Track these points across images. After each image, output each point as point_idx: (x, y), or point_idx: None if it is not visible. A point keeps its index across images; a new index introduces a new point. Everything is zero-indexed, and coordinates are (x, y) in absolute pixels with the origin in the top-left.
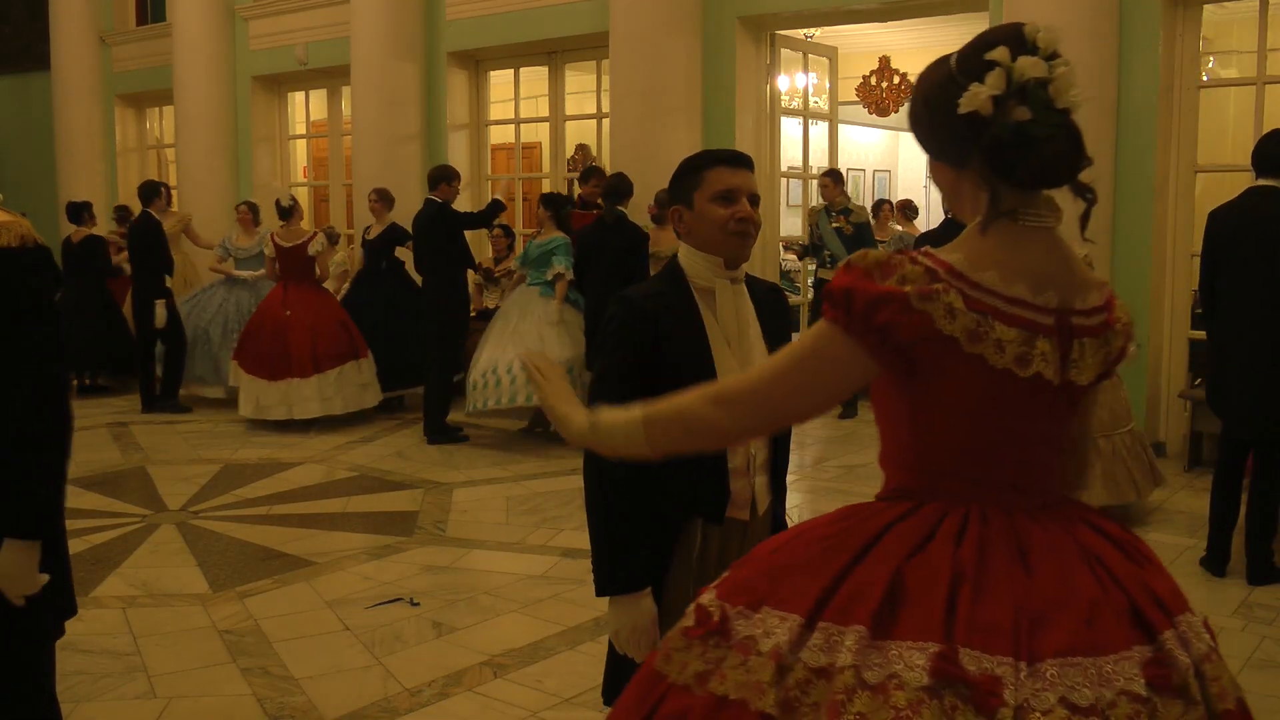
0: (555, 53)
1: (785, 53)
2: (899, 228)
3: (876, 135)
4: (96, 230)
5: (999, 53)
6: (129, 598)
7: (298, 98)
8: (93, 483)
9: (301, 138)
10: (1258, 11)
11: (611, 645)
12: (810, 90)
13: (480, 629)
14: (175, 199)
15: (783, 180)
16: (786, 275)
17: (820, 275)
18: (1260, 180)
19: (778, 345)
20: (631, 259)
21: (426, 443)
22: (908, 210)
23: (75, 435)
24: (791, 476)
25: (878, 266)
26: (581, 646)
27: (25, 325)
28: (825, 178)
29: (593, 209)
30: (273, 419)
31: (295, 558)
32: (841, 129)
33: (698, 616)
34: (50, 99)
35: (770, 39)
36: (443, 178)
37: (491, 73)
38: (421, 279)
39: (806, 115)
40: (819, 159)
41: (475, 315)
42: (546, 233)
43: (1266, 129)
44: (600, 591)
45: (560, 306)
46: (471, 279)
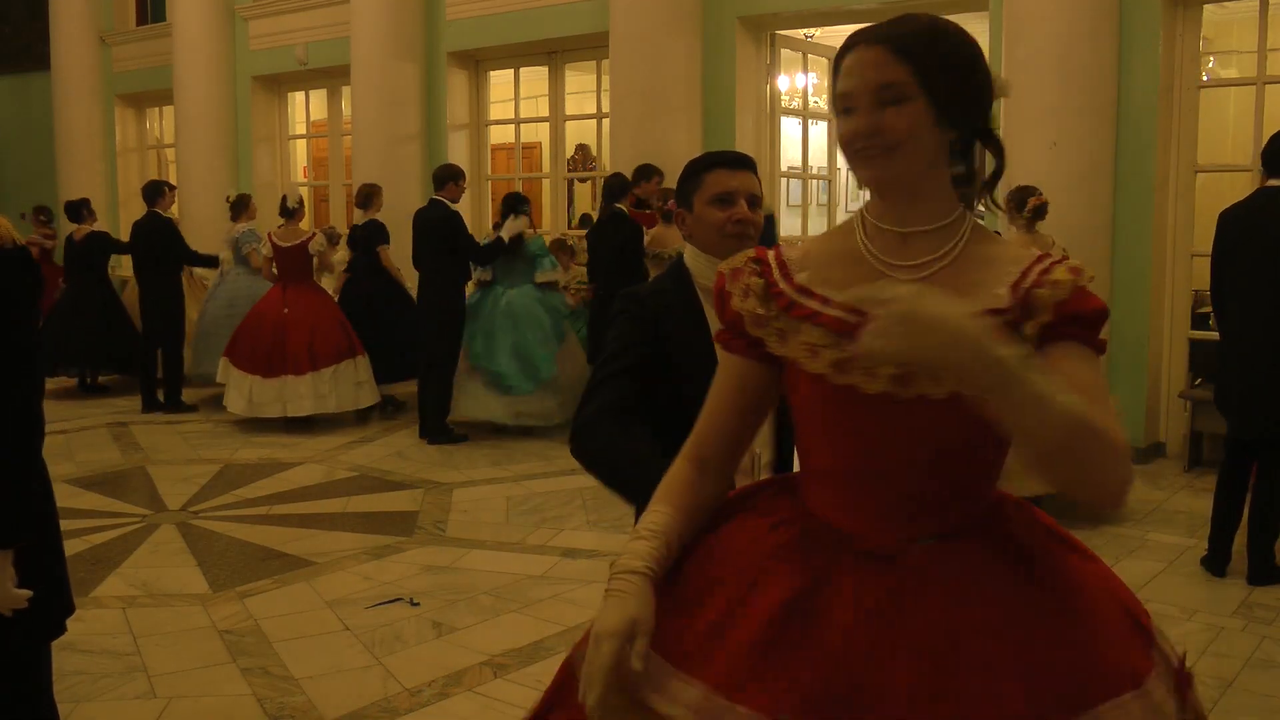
0: (555, 53)
1: (785, 53)
2: None
3: None
4: (97, 227)
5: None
6: (129, 598)
7: (298, 98)
8: (93, 483)
9: (301, 138)
10: (1258, 11)
11: None
12: (810, 90)
13: (480, 629)
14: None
15: (783, 180)
16: None
17: None
18: (1271, 181)
19: None
20: (629, 256)
21: (427, 443)
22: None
23: (75, 435)
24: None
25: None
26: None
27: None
28: None
29: (646, 209)
30: (266, 416)
31: (295, 558)
32: None
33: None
34: (50, 99)
35: (770, 39)
36: (449, 177)
37: (491, 73)
38: (419, 278)
39: (806, 115)
40: (819, 159)
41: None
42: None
43: (1266, 129)
44: None
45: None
46: (475, 278)
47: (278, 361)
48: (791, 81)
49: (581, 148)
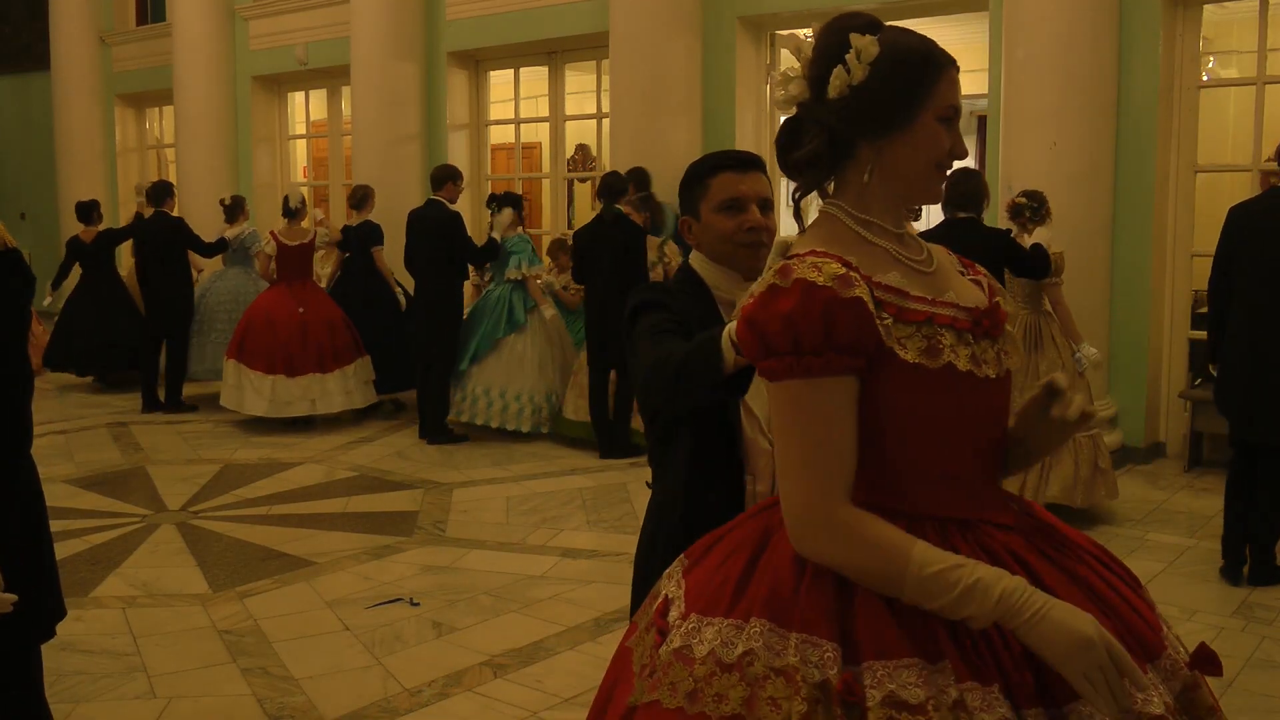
0: (555, 53)
1: (785, 53)
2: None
3: None
4: (102, 228)
5: None
6: (129, 598)
7: (298, 98)
8: (93, 483)
9: (301, 138)
10: (1258, 11)
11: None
12: None
13: (480, 629)
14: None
15: (784, 181)
16: None
17: None
18: None
19: None
20: (630, 257)
21: (428, 443)
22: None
23: (75, 435)
24: None
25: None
26: (581, 646)
27: None
28: None
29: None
30: (292, 415)
31: (295, 558)
32: None
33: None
34: (50, 99)
35: (770, 39)
36: (447, 177)
37: (491, 73)
38: (416, 278)
39: None
40: None
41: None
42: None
43: (1267, 129)
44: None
45: (548, 306)
46: (472, 279)
47: (300, 360)
48: None
49: (581, 148)
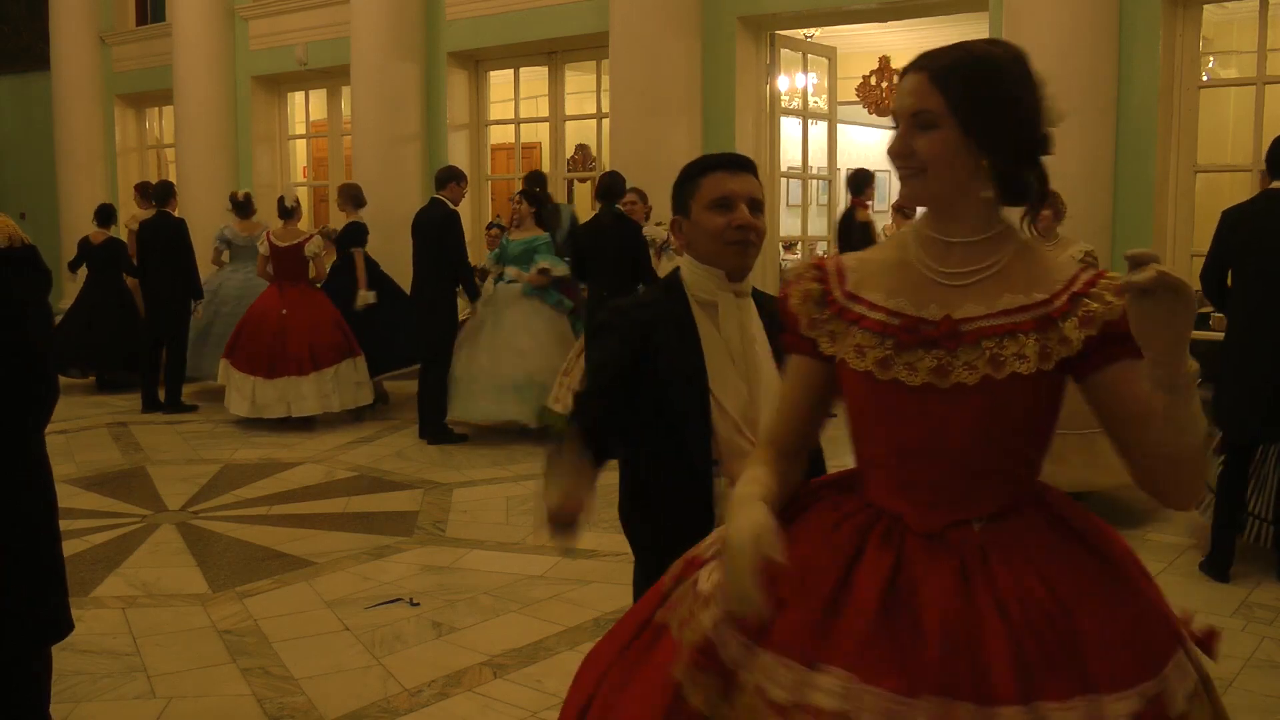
0: (555, 53)
1: (785, 53)
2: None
3: (876, 135)
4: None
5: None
6: (129, 598)
7: (298, 98)
8: (93, 483)
9: (301, 138)
10: (1258, 11)
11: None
12: (810, 90)
13: (480, 629)
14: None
15: (783, 180)
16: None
17: None
18: (1275, 183)
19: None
20: (632, 257)
21: (428, 443)
22: (906, 210)
23: (75, 435)
24: None
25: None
26: (581, 646)
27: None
28: None
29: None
30: (270, 417)
31: (295, 558)
32: (841, 129)
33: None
34: (50, 99)
35: (770, 39)
36: (451, 178)
37: (491, 73)
38: (415, 277)
39: (806, 115)
40: (819, 159)
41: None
42: (526, 229)
43: (1267, 129)
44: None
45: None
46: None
47: (279, 363)
48: (791, 81)
49: (581, 148)
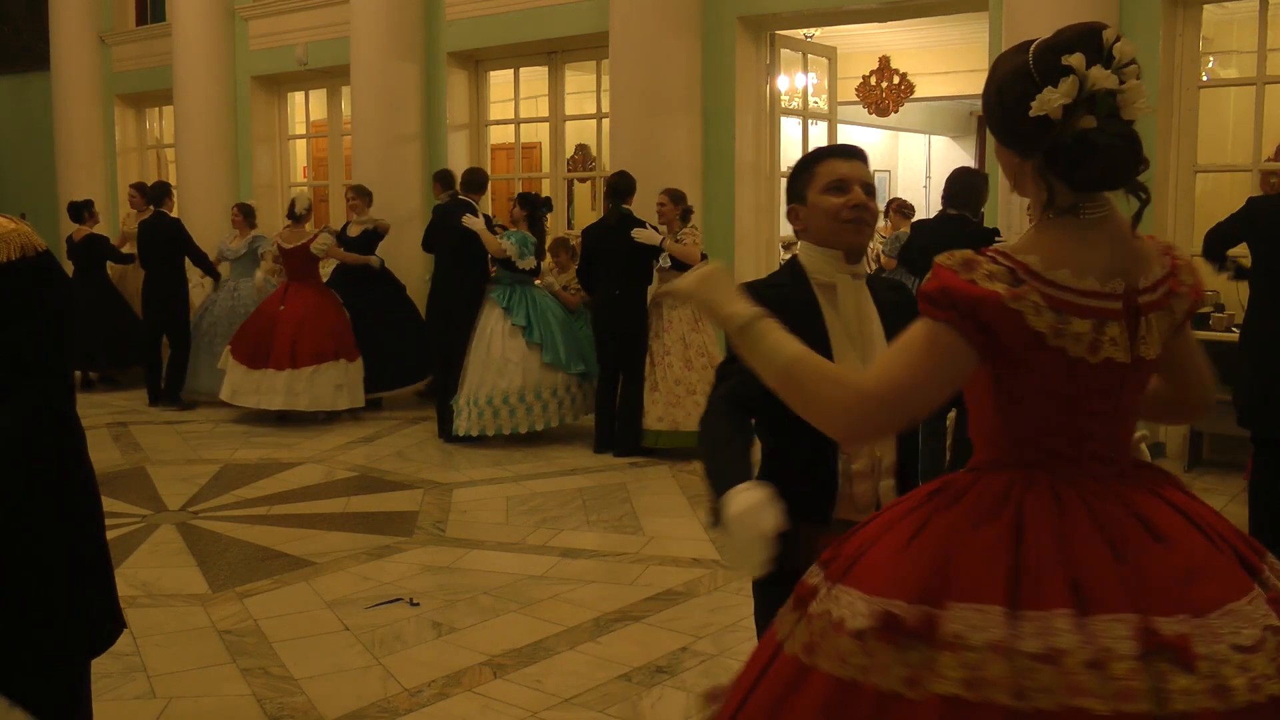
0: (555, 53)
1: (785, 53)
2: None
3: (876, 135)
4: (98, 229)
5: (1075, 59)
6: (129, 598)
7: (298, 98)
8: None
9: (301, 138)
10: (1258, 11)
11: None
12: (810, 90)
13: (480, 629)
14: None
15: (783, 180)
16: None
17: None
18: None
19: None
20: (639, 258)
21: (444, 442)
22: (904, 210)
23: None
24: None
25: (964, 266)
26: (581, 646)
27: (20, 341)
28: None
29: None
30: (243, 405)
31: (295, 558)
32: (841, 129)
33: (885, 620)
34: (50, 99)
35: (770, 39)
36: (475, 184)
37: (491, 73)
38: (435, 274)
39: (806, 115)
40: None
41: None
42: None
43: (1267, 129)
44: (716, 494)
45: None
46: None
47: (262, 355)
48: (791, 81)
49: (581, 148)
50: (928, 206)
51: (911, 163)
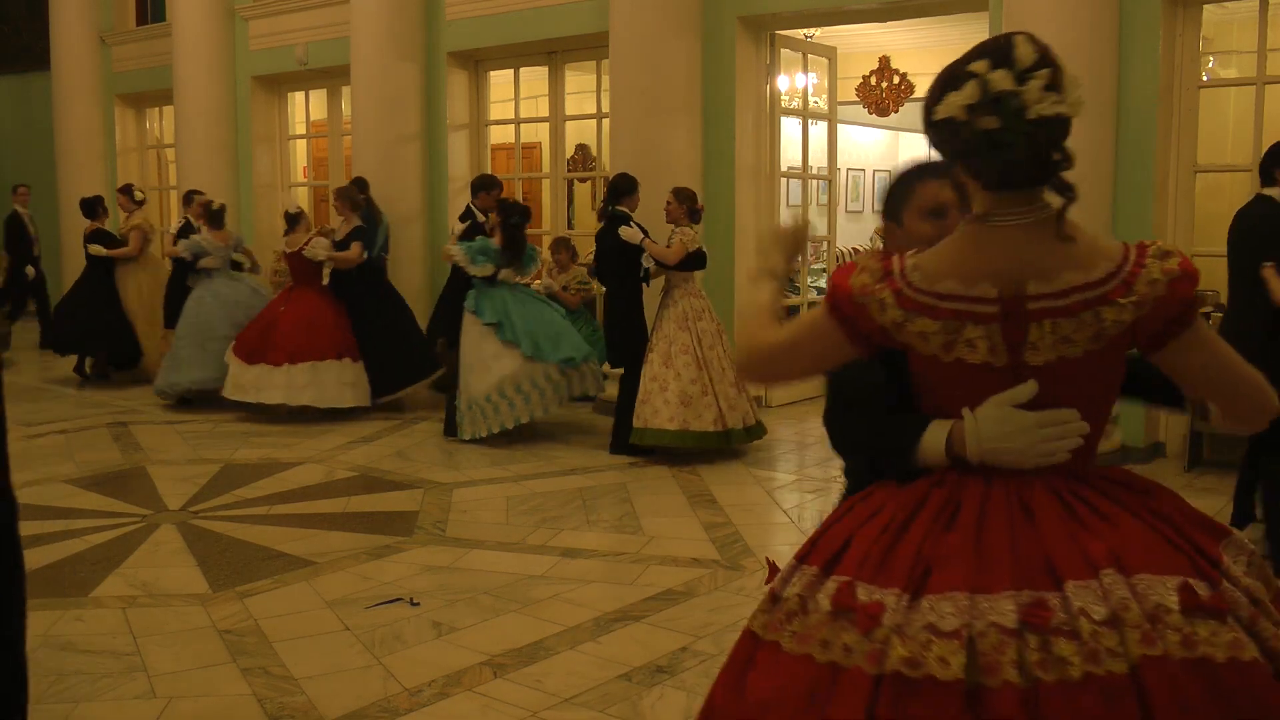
0: (555, 53)
1: (785, 53)
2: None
3: (876, 135)
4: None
5: (979, 64)
6: (129, 598)
7: (298, 98)
8: (93, 483)
9: (301, 138)
10: (1258, 11)
11: None
12: (810, 90)
13: (480, 629)
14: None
15: (783, 180)
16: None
17: None
18: (1266, 190)
19: None
20: (626, 256)
21: (448, 439)
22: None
23: (75, 435)
24: (791, 476)
25: (856, 267)
26: (581, 646)
27: None
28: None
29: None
30: (242, 399)
31: (295, 558)
32: (841, 129)
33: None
34: (50, 99)
35: (770, 39)
36: (483, 187)
37: (491, 73)
38: (452, 276)
39: (806, 115)
40: (819, 159)
41: None
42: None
43: (1266, 129)
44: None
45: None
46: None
47: (259, 352)
48: (791, 81)
49: (581, 148)
50: None
51: None
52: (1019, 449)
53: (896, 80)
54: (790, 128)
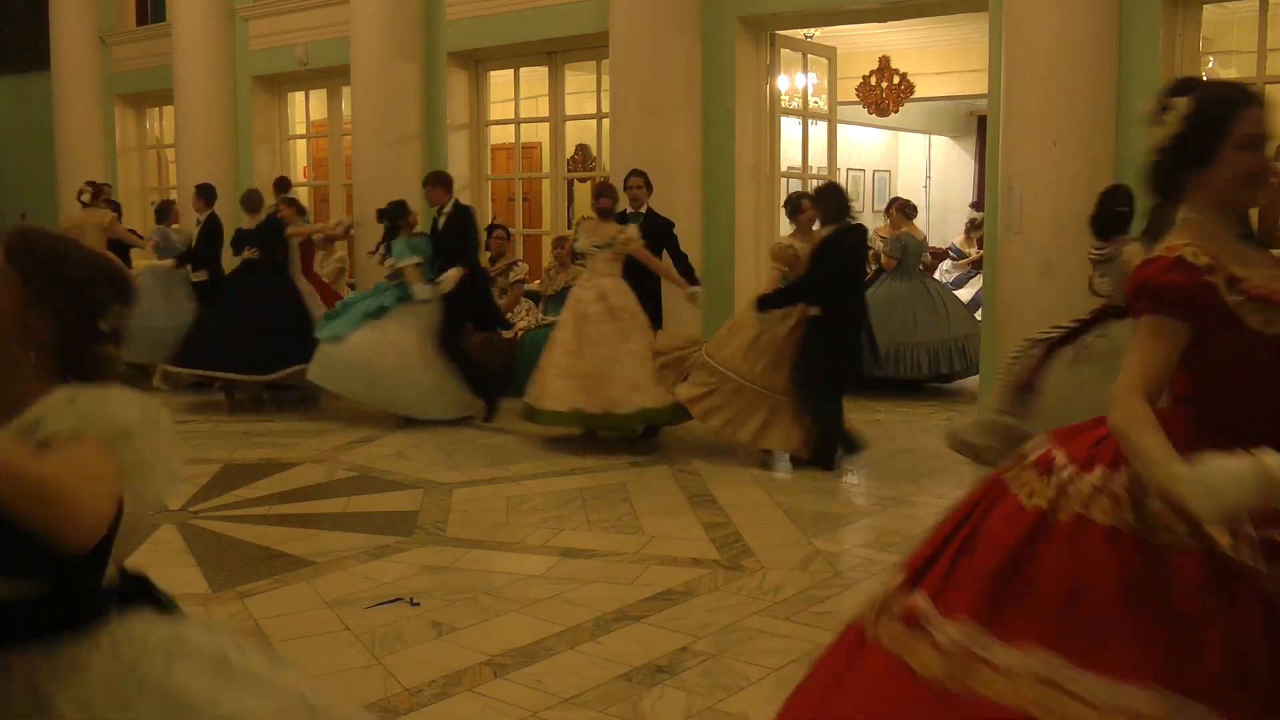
0: (555, 53)
1: (785, 53)
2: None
3: (876, 135)
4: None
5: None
6: None
7: (298, 98)
8: None
9: (301, 138)
10: (1258, 11)
11: None
12: (810, 90)
13: (480, 629)
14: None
15: (783, 180)
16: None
17: None
18: None
19: None
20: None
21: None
22: (907, 210)
23: None
24: (791, 476)
25: (1162, 261)
26: (581, 646)
27: None
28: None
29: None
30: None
31: (295, 558)
32: (841, 129)
33: None
34: (50, 99)
35: (770, 39)
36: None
37: (491, 73)
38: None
39: (806, 115)
40: (819, 159)
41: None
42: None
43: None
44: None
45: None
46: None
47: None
48: (791, 81)
49: (581, 148)
50: (928, 206)
51: (911, 163)
52: None
53: (896, 80)
54: (790, 128)
